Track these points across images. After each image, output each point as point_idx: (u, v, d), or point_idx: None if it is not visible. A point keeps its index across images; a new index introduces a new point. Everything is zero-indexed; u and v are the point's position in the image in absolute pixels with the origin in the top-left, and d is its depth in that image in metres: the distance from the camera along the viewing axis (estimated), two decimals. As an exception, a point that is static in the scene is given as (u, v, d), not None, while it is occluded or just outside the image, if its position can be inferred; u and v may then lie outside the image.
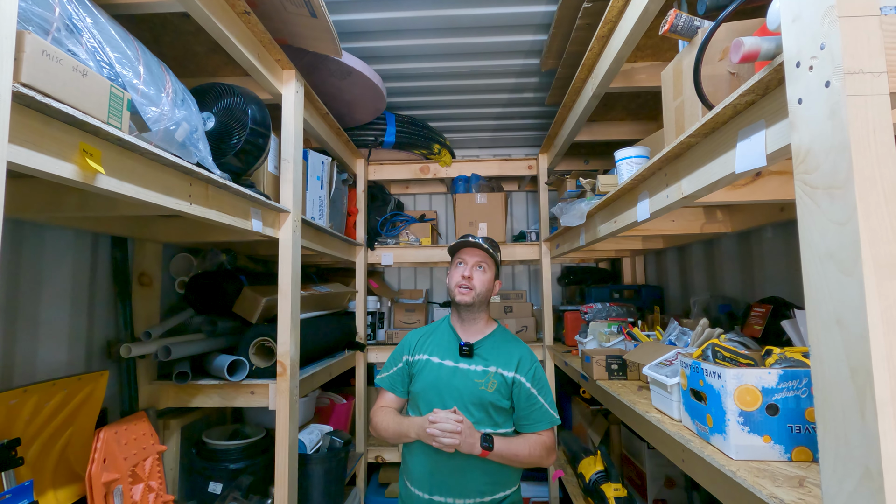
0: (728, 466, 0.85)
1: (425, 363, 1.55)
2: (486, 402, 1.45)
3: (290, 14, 1.63)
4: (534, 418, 1.47)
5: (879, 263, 0.53)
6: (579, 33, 1.85)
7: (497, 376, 1.47)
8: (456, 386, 1.47)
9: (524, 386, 1.48)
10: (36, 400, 1.28)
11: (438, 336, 1.61)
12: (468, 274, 1.54)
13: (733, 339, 1.34)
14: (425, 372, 1.54)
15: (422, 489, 1.45)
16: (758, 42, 0.69)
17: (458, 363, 1.51)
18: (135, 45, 1.13)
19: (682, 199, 1.11)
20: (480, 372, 1.48)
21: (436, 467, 1.43)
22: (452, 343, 1.56)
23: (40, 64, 0.74)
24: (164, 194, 1.09)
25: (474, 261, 1.56)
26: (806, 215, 0.61)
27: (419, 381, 1.54)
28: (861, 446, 0.53)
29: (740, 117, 0.84)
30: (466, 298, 1.53)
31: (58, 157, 0.80)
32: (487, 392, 1.45)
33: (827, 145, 0.58)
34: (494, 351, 1.53)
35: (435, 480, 1.44)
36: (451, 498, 1.42)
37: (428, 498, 1.44)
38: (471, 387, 1.46)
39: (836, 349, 0.57)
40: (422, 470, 1.46)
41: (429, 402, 1.50)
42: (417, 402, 1.54)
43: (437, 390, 1.49)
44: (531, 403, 1.47)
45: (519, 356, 1.52)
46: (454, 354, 1.53)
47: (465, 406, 1.44)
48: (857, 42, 0.56)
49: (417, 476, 1.47)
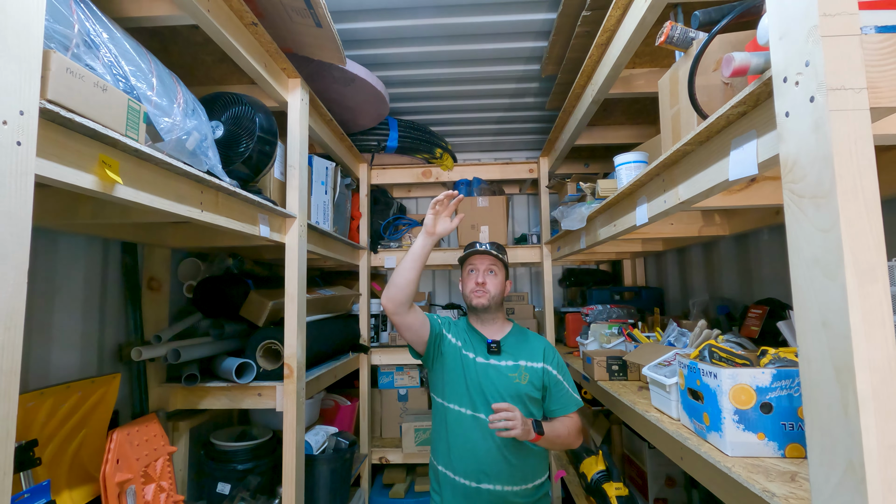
0: (724, 463, 0.88)
1: (455, 349, 1.63)
2: (523, 393, 1.57)
3: (295, 24, 1.67)
4: (563, 402, 1.61)
5: (860, 269, 0.56)
6: (579, 40, 1.89)
7: (528, 369, 1.60)
8: (492, 380, 1.57)
9: (552, 374, 1.62)
10: (52, 402, 1.32)
11: (464, 332, 1.69)
12: (481, 280, 1.65)
13: (730, 339, 1.37)
14: (453, 359, 1.62)
15: (468, 478, 1.54)
16: (748, 57, 0.73)
17: (488, 360, 1.61)
18: (148, 57, 1.17)
19: (679, 205, 1.14)
20: (512, 367, 1.60)
21: (483, 455, 1.53)
22: (478, 341, 1.66)
23: (64, 81, 0.77)
24: (176, 202, 1.12)
25: (485, 266, 1.67)
26: (793, 223, 0.65)
27: (446, 367, 1.62)
28: (845, 441, 0.57)
29: (733, 127, 0.87)
30: (483, 301, 1.64)
31: (79, 168, 0.84)
32: (522, 385, 1.57)
33: (812, 157, 0.61)
34: (518, 346, 1.65)
35: (484, 469, 1.53)
36: (500, 485, 1.52)
37: (475, 486, 1.53)
38: (506, 381, 1.57)
39: (821, 349, 0.60)
40: (468, 460, 1.55)
41: (464, 393, 1.58)
42: (445, 390, 1.62)
43: (475, 384, 1.57)
44: (559, 389, 1.62)
45: (542, 347, 1.65)
46: (483, 352, 1.63)
47: (503, 399, 1.54)
48: (839, 60, 0.59)
49: (463, 467, 1.55)
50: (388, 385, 3.07)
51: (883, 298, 0.56)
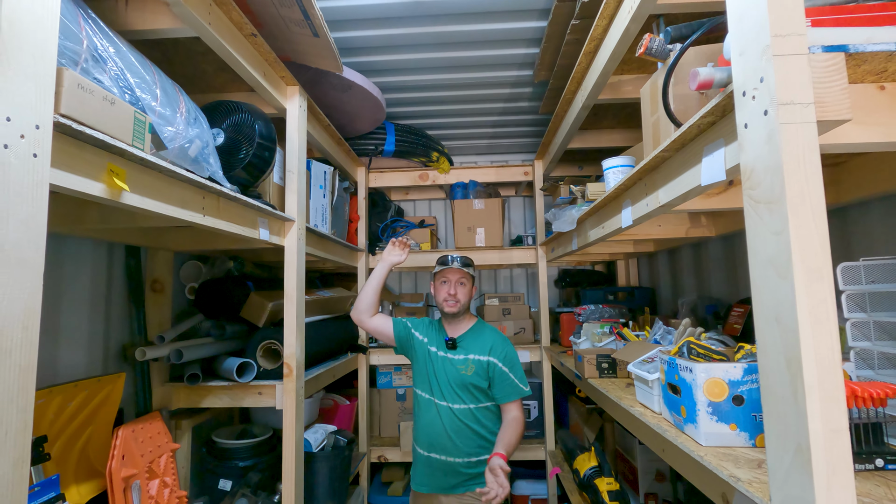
0: (697, 452, 0.93)
1: (423, 345, 1.97)
2: (467, 383, 1.85)
3: (293, 34, 1.72)
4: (506, 391, 1.86)
5: (808, 268, 0.61)
6: (568, 47, 1.94)
7: (474, 362, 1.87)
8: (445, 371, 1.88)
9: (497, 366, 1.86)
10: (60, 400, 1.37)
11: (434, 330, 2.01)
12: (453, 291, 1.93)
13: (713, 337, 1.42)
14: (422, 353, 1.96)
15: (425, 449, 1.88)
16: (711, 72, 0.78)
17: (446, 353, 1.91)
18: (152, 69, 1.22)
19: (660, 208, 1.19)
20: (461, 360, 1.88)
21: (434, 431, 1.85)
22: (441, 338, 1.96)
23: (76, 96, 0.83)
24: (180, 208, 1.18)
25: (456, 279, 1.95)
26: (751, 226, 0.70)
27: (417, 359, 1.97)
28: (795, 426, 0.62)
29: (704, 135, 0.92)
30: (454, 309, 1.93)
31: (89, 177, 0.90)
32: (467, 375, 1.85)
33: (766, 165, 0.67)
34: (472, 342, 1.92)
35: (433, 442, 1.85)
36: (445, 455, 1.83)
37: (427, 455, 1.86)
38: (454, 372, 1.87)
39: (775, 342, 0.65)
40: (426, 435, 1.88)
41: (426, 381, 1.92)
42: (415, 377, 1.99)
43: (434, 373, 1.90)
44: (504, 380, 1.86)
45: (491, 343, 1.90)
46: (443, 347, 1.93)
47: (451, 386, 1.86)
48: (789, 77, 0.64)
49: (422, 440, 1.90)
50: (386, 385, 3.12)
51: (827, 296, 0.61)
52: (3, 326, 0.68)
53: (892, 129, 0.73)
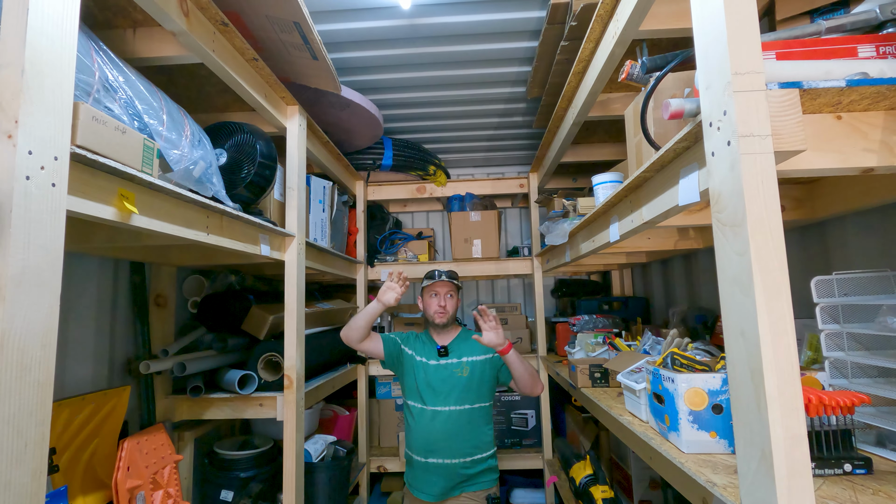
0: (679, 459, 0.98)
1: (413, 358, 2.07)
2: (463, 383, 1.98)
3: (293, 56, 1.79)
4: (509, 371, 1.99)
5: (767, 286, 0.67)
6: (559, 66, 2.01)
7: (469, 363, 2.02)
8: (441, 376, 2.00)
9: (499, 357, 2.00)
10: (68, 413, 1.42)
11: (421, 343, 2.13)
12: (443, 304, 2.06)
13: (699, 347, 1.47)
14: (411, 366, 2.06)
15: (420, 455, 1.96)
16: (682, 103, 0.84)
17: (439, 361, 2.04)
18: (158, 95, 1.29)
19: (644, 224, 1.25)
20: (456, 363, 2.02)
21: (431, 437, 1.94)
22: (431, 348, 2.08)
23: (91, 128, 0.89)
24: (185, 227, 1.23)
25: (444, 291, 2.08)
26: (719, 247, 0.75)
27: (406, 373, 2.07)
28: (759, 433, 0.67)
29: (680, 158, 0.98)
30: (443, 320, 2.07)
31: (101, 202, 0.95)
32: (463, 377, 1.99)
33: (730, 191, 0.72)
34: (462, 347, 2.06)
35: (430, 448, 1.94)
36: (443, 459, 1.92)
37: (424, 461, 1.94)
38: (450, 375, 2.00)
39: (741, 355, 0.71)
40: (420, 440, 1.97)
41: (422, 390, 2.00)
42: (405, 389, 2.09)
43: (428, 382, 2.00)
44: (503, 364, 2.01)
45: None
46: (434, 356, 2.05)
47: (450, 389, 1.97)
48: (748, 111, 0.70)
49: (417, 445, 1.98)
50: (385, 395, 3.15)
51: (786, 312, 0.66)
52: (24, 345, 0.73)
53: (849, 156, 0.78)
